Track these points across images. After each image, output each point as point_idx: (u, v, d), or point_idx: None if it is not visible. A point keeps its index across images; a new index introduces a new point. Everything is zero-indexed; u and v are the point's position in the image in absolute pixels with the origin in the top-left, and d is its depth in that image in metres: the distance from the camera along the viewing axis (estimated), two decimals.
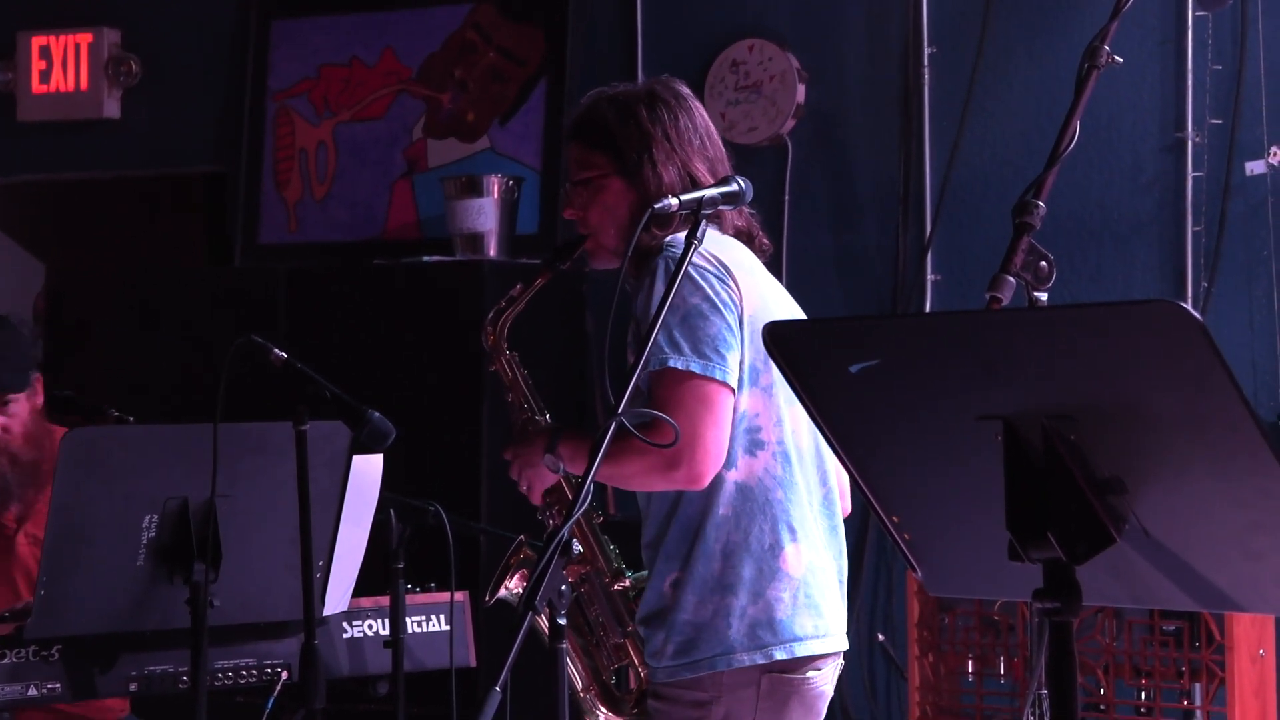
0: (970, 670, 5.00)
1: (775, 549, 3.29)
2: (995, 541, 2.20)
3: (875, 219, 5.79)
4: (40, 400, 4.45)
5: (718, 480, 3.26)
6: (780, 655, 3.28)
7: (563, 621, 2.82)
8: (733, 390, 3.25)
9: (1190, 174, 5.35)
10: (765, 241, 3.48)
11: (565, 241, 3.52)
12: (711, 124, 3.47)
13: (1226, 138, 5.32)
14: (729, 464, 3.27)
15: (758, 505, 3.30)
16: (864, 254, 5.80)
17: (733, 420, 3.26)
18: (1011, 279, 2.71)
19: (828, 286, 5.78)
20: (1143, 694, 4.77)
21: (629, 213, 3.34)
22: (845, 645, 3.40)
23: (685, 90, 3.47)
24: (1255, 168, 5.29)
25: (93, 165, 6.92)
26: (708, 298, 3.25)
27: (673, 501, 3.32)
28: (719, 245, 3.34)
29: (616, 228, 3.39)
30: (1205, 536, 2.15)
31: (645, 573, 3.41)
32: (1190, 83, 5.36)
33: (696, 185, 3.30)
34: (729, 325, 3.25)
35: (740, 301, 3.27)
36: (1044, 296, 2.73)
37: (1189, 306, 2.00)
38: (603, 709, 3.47)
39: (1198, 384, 2.01)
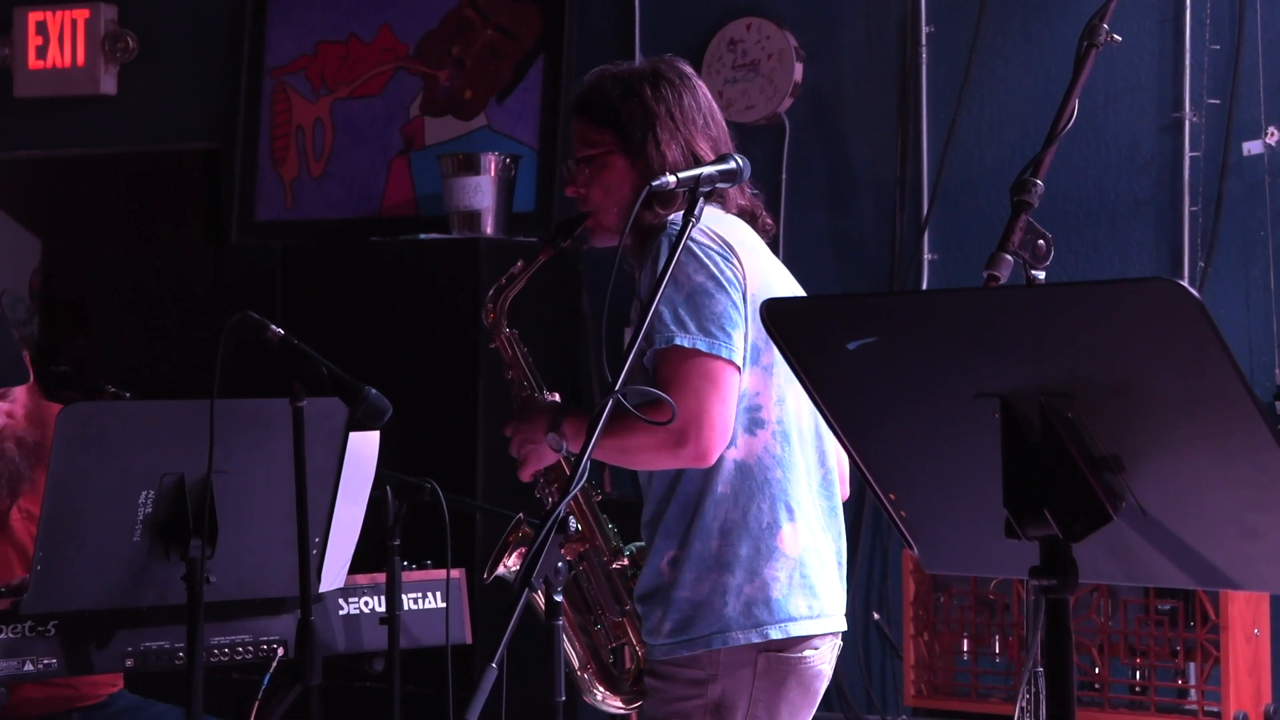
0: (965, 649, 5.01)
1: (773, 528, 3.29)
2: (992, 519, 2.20)
3: (872, 198, 5.79)
4: (32, 376, 4.43)
5: (718, 458, 3.26)
6: (775, 634, 3.28)
7: (559, 598, 2.82)
8: (738, 368, 3.24)
9: (1188, 154, 5.34)
10: (768, 221, 3.47)
11: (567, 219, 3.50)
12: (715, 104, 3.46)
13: (1224, 118, 5.31)
14: (729, 442, 3.26)
15: (756, 484, 3.29)
16: (860, 233, 5.79)
17: None
18: (1009, 257, 2.71)
19: (824, 265, 5.78)
20: (1137, 673, 4.78)
21: (631, 191, 3.30)
22: (843, 626, 3.39)
23: (689, 69, 3.46)
24: (1252, 148, 5.28)
25: (89, 141, 6.91)
26: (712, 276, 3.24)
27: (673, 479, 3.31)
28: (722, 224, 3.33)
29: (618, 206, 3.36)
30: (1202, 514, 2.15)
31: (642, 543, 3.40)
32: (1188, 62, 5.35)
33: (699, 165, 3.28)
34: (734, 303, 3.24)
35: (744, 280, 3.26)
36: (1042, 275, 2.73)
37: (1187, 285, 2.00)
38: (600, 687, 3.46)
39: (1196, 362, 2.01)
